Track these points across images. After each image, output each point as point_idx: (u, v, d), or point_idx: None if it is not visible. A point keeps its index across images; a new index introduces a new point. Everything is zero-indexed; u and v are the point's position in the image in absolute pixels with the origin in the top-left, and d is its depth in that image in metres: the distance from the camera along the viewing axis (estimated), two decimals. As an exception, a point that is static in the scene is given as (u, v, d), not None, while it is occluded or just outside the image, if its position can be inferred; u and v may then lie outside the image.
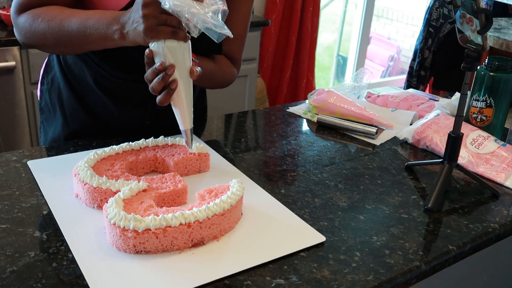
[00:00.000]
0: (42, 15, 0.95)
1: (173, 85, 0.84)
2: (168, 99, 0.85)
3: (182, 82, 0.84)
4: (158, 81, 0.83)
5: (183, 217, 0.73)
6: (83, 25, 0.91)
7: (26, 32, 0.97)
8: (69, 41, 0.94)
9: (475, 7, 0.83)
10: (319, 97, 1.34)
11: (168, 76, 0.83)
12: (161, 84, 0.83)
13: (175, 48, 0.82)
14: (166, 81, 0.83)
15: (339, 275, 0.72)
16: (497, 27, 2.83)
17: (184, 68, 0.84)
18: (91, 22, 0.90)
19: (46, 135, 1.19)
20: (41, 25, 0.95)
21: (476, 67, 0.91)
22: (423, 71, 3.43)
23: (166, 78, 0.83)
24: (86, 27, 0.91)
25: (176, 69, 0.83)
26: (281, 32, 3.18)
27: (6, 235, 0.75)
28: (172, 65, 0.82)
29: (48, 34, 0.95)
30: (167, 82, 0.83)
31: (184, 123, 0.89)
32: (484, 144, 1.11)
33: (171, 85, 0.84)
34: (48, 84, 1.17)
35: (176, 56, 0.83)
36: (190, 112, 0.88)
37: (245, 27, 1.17)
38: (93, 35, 0.90)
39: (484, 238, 0.85)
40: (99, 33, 0.89)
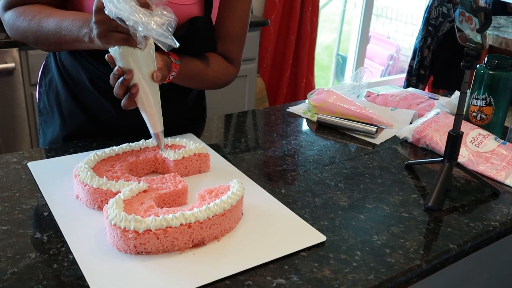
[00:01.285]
0: (24, 13, 0.98)
1: (133, 89, 0.84)
2: (130, 103, 0.86)
3: (145, 86, 0.85)
4: (118, 86, 0.84)
5: (184, 217, 0.73)
6: (59, 26, 0.93)
7: (10, 29, 1.01)
8: (47, 40, 0.96)
9: (474, 5, 0.83)
10: (318, 96, 1.34)
11: (127, 81, 0.83)
12: (121, 89, 0.84)
13: (131, 54, 0.82)
14: (126, 86, 0.84)
15: (339, 274, 0.72)
16: (496, 25, 2.83)
17: (146, 72, 0.84)
18: (65, 24, 0.92)
19: (45, 136, 1.19)
20: (22, 24, 0.97)
21: (476, 66, 0.91)
22: (422, 70, 3.43)
23: (125, 82, 0.83)
24: (61, 28, 0.92)
25: (136, 74, 0.83)
26: (280, 32, 3.18)
27: (7, 237, 0.75)
28: (130, 70, 0.83)
29: (28, 32, 0.97)
30: (128, 87, 0.84)
31: (153, 127, 0.90)
32: (484, 142, 1.11)
33: (131, 90, 0.84)
34: (46, 86, 1.17)
35: (135, 61, 0.83)
36: (159, 115, 0.89)
37: (242, 26, 1.16)
38: (67, 36, 0.92)
39: (484, 237, 0.85)
40: (72, 35, 0.91)
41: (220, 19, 1.12)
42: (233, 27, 1.14)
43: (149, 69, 0.85)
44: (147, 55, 0.84)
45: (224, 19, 1.12)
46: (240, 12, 1.13)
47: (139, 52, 0.82)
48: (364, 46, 4.01)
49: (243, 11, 1.14)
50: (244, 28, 1.17)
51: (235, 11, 1.12)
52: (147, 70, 0.85)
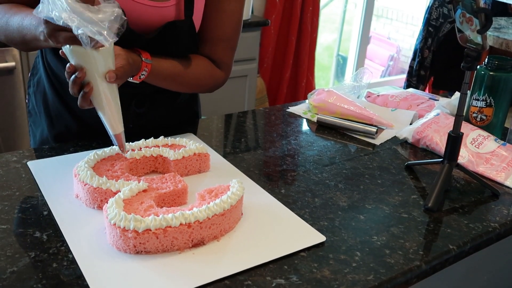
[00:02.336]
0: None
1: (86, 88, 0.82)
2: (85, 102, 0.84)
3: (100, 85, 0.83)
4: (71, 84, 0.82)
5: (183, 217, 0.73)
6: (20, 25, 0.91)
7: None
8: (13, 39, 0.94)
9: (474, 6, 0.83)
10: (319, 97, 1.34)
11: (79, 79, 0.81)
12: (74, 87, 0.82)
13: (83, 52, 0.80)
14: (78, 84, 0.82)
15: (339, 275, 0.72)
16: (496, 26, 2.83)
17: (100, 71, 0.82)
18: (26, 22, 0.90)
19: (35, 137, 1.19)
20: None
21: (476, 67, 0.91)
22: (423, 70, 3.43)
23: (77, 80, 0.82)
24: (22, 27, 0.90)
25: (90, 72, 0.82)
26: (281, 32, 3.18)
27: (6, 236, 0.75)
28: (81, 68, 0.81)
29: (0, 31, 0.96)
30: (81, 85, 0.83)
31: (112, 128, 0.87)
32: (484, 143, 1.11)
33: (84, 88, 0.82)
34: (34, 87, 1.17)
35: (88, 60, 0.81)
36: (118, 116, 0.87)
37: (231, 28, 1.10)
38: (27, 35, 0.89)
39: (484, 238, 0.85)
40: (31, 33, 0.88)
41: (206, 20, 1.08)
42: (219, 29, 1.09)
43: (105, 68, 0.83)
44: (103, 53, 0.81)
45: (210, 20, 1.08)
46: (228, 13, 1.08)
47: (92, 51, 0.80)
48: (365, 46, 4.01)
49: (232, 12, 1.09)
50: (233, 30, 1.11)
51: (222, 12, 1.07)
52: (103, 69, 0.82)
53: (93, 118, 1.11)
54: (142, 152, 0.95)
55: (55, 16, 0.75)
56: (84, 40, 0.76)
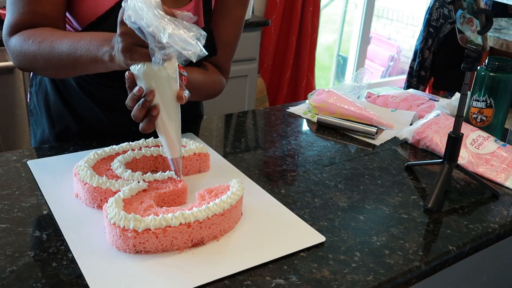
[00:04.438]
0: (33, 36, 0.91)
1: (154, 111, 0.78)
2: (150, 126, 0.80)
3: (166, 108, 0.79)
4: (138, 108, 0.78)
5: (183, 217, 0.73)
6: (74, 47, 0.86)
7: (18, 55, 0.94)
8: (59, 63, 0.89)
9: (475, 7, 0.83)
10: (319, 97, 1.34)
11: (148, 102, 0.77)
12: (142, 111, 0.78)
13: (154, 73, 0.76)
14: (146, 108, 0.78)
15: (339, 275, 0.72)
16: (497, 27, 2.83)
17: (169, 93, 0.79)
18: (82, 44, 0.85)
19: (36, 137, 1.18)
20: (31, 47, 0.91)
21: (476, 68, 0.91)
22: (423, 71, 3.43)
23: (146, 104, 0.77)
24: (76, 48, 0.86)
25: (158, 94, 0.77)
26: (281, 32, 3.18)
27: (6, 235, 0.75)
28: (151, 91, 0.77)
29: (38, 56, 0.91)
30: (148, 109, 0.78)
31: (171, 152, 0.84)
32: (484, 144, 1.11)
33: (151, 112, 0.78)
34: (36, 86, 1.16)
35: (157, 81, 0.77)
36: (178, 139, 0.84)
37: (235, 33, 1.12)
38: (83, 57, 0.85)
39: (484, 239, 0.85)
40: (89, 55, 0.84)
41: (212, 24, 1.09)
42: (226, 33, 1.10)
43: (171, 89, 0.79)
44: (169, 75, 0.77)
45: (217, 24, 1.09)
46: (234, 19, 1.10)
47: (162, 72, 0.76)
48: (365, 47, 4.01)
49: (237, 18, 1.11)
50: (236, 36, 1.13)
51: (229, 17, 1.09)
52: (170, 91, 0.78)
53: (93, 118, 1.11)
54: (142, 151, 0.95)
55: (144, 23, 0.69)
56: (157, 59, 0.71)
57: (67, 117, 1.12)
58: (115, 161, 0.91)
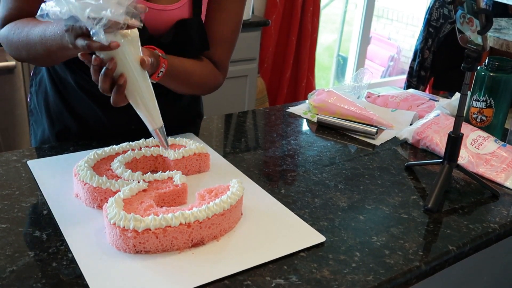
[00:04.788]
0: (15, 27, 0.93)
1: (120, 80, 0.75)
2: (120, 97, 0.77)
3: (133, 77, 0.76)
4: (102, 79, 0.75)
5: (183, 217, 0.73)
6: (44, 35, 0.86)
7: (6, 46, 0.96)
8: (36, 52, 0.89)
9: (475, 7, 0.83)
10: (319, 97, 1.34)
11: (110, 70, 0.75)
12: (106, 81, 0.76)
13: None
14: (110, 77, 0.76)
15: (339, 275, 0.72)
16: (497, 27, 2.83)
17: (132, 61, 0.75)
18: (49, 32, 0.85)
19: (36, 137, 1.18)
20: (14, 38, 0.92)
21: (476, 68, 0.91)
22: (423, 71, 3.43)
23: (109, 73, 0.75)
24: (46, 37, 0.85)
25: (120, 63, 0.75)
26: (281, 32, 3.18)
27: (6, 235, 0.75)
28: (111, 58, 0.74)
29: (20, 46, 0.92)
30: (113, 78, 0.76)
31: (150, 123, 0.81)
32: (484, 144, 1.11)
33: (118, 81, 0.76)
34: (36, 86, 1.16)
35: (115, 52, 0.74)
36: (155, 109, 0.80)
37: (231, 28, 1.10)
38: (53, 45, 0.85)
39: (484, 239, 0.85)
40: (57, 43, 0.83)
41: (208, 20, 1.08)
42: (222, 29, 1.09)
43: (133, 57, 0.76)
44: (132, 41, 0.75)
45: (212, 19, 1.08)
46: (229, 13, 1.08)
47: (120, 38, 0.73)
48: (365, 47, 4.01)
49: (233, 12, 1.09)
50: (233, 32, 1.11)
51: (224, 11, 1.07)
52: (133, 59, 0.76)
53: (93, 118, 1.11)
54: (142, 151, 0.95)
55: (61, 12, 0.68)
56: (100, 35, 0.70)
57: (67, 117, 1.12)
58: (115, 161, 0.91)
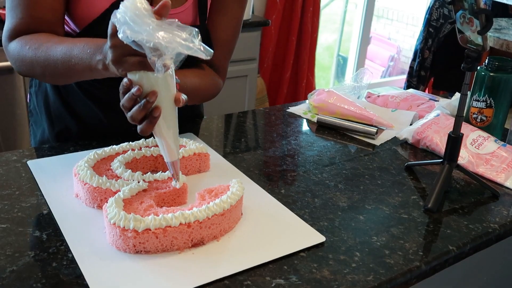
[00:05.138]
0: (30, 42, 0.90)
1: (155, 112, 0.75)
2: (150, 128, 0.77)
3: (164, 110, 0.77)
4: (138, 109, 0.75)
5: (183, 217, 0.73)
6: (68, 54, 0.85)
7: (16, 60, 0.94)
8: (55, 70, 0.88)
9: (475, 7, 0.83)
10: (319, 97, 1.34)
11: (150, 103, 0.74)
12: (142, 113, 0.75)
13: (149, 78, 0.74)
14: (147, 109, 0.75)
15: (339, 275, 0.72)
16: (497, 27, 2.83)
17: (167, 95, 0.77)
18: (76, 51, 0.83)
19: (35, 137, 1.18)
20: (28, 53, 0.90)
21: (476, 68, 0.91)
22: (423, 71, 3.43)
23: (148, 105, 0.74)
24: (71, 56, 0.84)
25: (160, 97, 0.75)
26: (281, 32, 3.18)
27: (6, 235, 0.75)
28: (154, 92, 0.74)
29: (35, 62, 0.90)
30: (148, 110, 0.76)
31: (170, 155, 0.81)
32: (484, 144, 1.11)
33: (153, 113, 0.75)
34: (36, 86, 1.16)
35: (156, 84, 0.75)
36: (176, 142, 0.81)
37: (232, 31, 1.10)
38: (77, 65, 0.84)
39: (484, 239, 0.85)
40: (83, 63, 0.83)
41: (209, 23, 1.08)
42: (222, 32, 1.09)
43: (170, 92, 0.77)
44: (167, 77, 0.76)
45: (214, 23, 1.08)
46: (230, 16, 1.09)
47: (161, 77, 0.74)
48: (365, 47, 4.01)
49: (234, 16, 1.10)
50: (233, 35, 1.11)
51: (226, 14, 1.08)
52: (168, 93, 0.76)
53: (93, 118, 1.11)
54: (142, 151, 0.95)
55: (144, 40, 0.67)
56: (159, 68, 0.69)
57: (67, 118, 1.12)
58: (115, 161, 0.91)
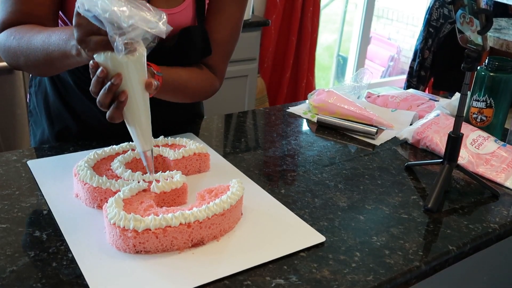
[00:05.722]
0: (15, 33, 0.91)
1: (122, 97, 0.73)
2: (118, 114, 0.75)
3: (134, 95, 0.74)
4: (104, 93, 0.73)
5: (183, 217, 0.73)
6: (47, 42, 0.84)
7: (3, 51, 0.94)
8: (36, 60, 0.88)
9: (475, 7, 0.83)
10: (319, 97, 1.34)
11: (115, 86, 0.72)
12: (108, 96, 0.73)
13: (118, 60, 0.71)
14: (113, 92, 0.73)
15: (339, 275, 0.72)
16: (497, 27, 2.83)
17: (136, 79, 0.74)
18: (53, 39, 0.83)
19: (35, 137, 1.18)
20: (13, 43, 0.90)
21: (476, 68, 0.91)
22: (423, 71, 3.43)
23: (113, 88, 0.72)
24: (49, 44, 0.84)
25: (124, 81, 0.73)
26: (281, 32, 3.18)
27: (6, 235, 0.75)
28: (118, 74, 0.72)
29: (18, 52, 0.90)
30: (115, 94, 0.74)
31: (142, 144, 0.79)
32: (484, 144, 1.11)
33: (119, 97, 0.73)
34: (36, 86, 1.16)
35: (123, 67, 0.72)
36: (148, 131, 0.79)
37: (229, 31, 1.08)
38: (55, 52, 0.83)
39: (484, 239, 0.85)
40: (59, 50, 0.82)
41: (207, 23, 1.07)
42: (219, 32, 1.07)
43: (139, 76, 0.74)
44: (137, 62, 0.73)
45: (211, 23, 1.06)
46: (228, 17, 1.06)
47: (127, 59, 0.72)
48: (365, 47, 4.01)
49: (232, 17, 1.07)
50: (231, 36, 1.09)
51: (223, 15, 1.06)
52: (137, 77, 0.74)
53: (93, 118, 1.11)
54: (142, 151, 0.95)
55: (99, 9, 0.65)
56: (119, 46, 0.68)
57: (67, 117, 1.12)
58: (115, 161, 0.91)
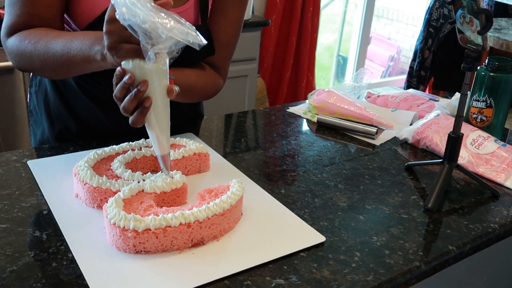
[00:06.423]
0: (29, 37, 0.92)
1: (146, 103, 0.76)
2: (142, 119, 0.77)
3: (156, 102, 0.77)
4: (130, 99, 0.75)
5: (183, 217, 0.73)
6: (68, 47, 0.86)
7: (15, 55, 0.95)
8: (54, 63, 0.89)
9: (475, 7, 0.83)
10: (319, 97, 1.34)
11: (141, 92, 0.75)
12: (133, 102, 0.76)
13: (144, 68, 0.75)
14: (138, 99, 0.76)
15: (339, 275, 0.72)
16: (497, 27, 2.83)
17: (159, 86, 0.77)
18: (75, 43, 0.85)
19: (35, 137, 1.18)
20: (28, 47, 0.91)
21: (476, 68, 0.91)
22: (423, 71, 3.43)
23: (139, 95, 0.75)
24: (70, 48, 0.86)
25: (149, 88, 0.75)
26: (281, 32, 3.18)
27: (6, 235, 0.75)
28: (145, 81, 0.75)
29: (34, 56, 0.91)
30: (139, 100, 0.76)
31: (161, 148, 0.82)
32: (484, 144, 1.11)
33: (144, 103, 0.76)
34: (36, 86, 1.16)
35: (149, 75, 0.75)
36: (167, 136, 0.82)
37: (232, 33, 1.11)
38: (77, 57, 0.85)
39: (484, 239, 0.85)
40: (82, 54, 0.84)
41: (210, 24, 1.09)
42: (223, 33, 1.09)
43: (162, 83, 0.77)
44: (162, 70, 0.76)
45: (214, 24, 1.09)
46: (231, 19, 1.09)
47: (154, 67, 0.75)
48: (365, 47, 4.01)
49: (235, 18, 1.10)
50: (234, 36, 1.12)
51: (227, 17, 1.08)
52: (160, 85, 0.77)
53: (93, 118, 1.11)
54: (142, 151, 0.95)
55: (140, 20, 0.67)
56: (151, 56, 0.70)
57: (67, 117, 1.12)
58: (115, 161, 0.91)
